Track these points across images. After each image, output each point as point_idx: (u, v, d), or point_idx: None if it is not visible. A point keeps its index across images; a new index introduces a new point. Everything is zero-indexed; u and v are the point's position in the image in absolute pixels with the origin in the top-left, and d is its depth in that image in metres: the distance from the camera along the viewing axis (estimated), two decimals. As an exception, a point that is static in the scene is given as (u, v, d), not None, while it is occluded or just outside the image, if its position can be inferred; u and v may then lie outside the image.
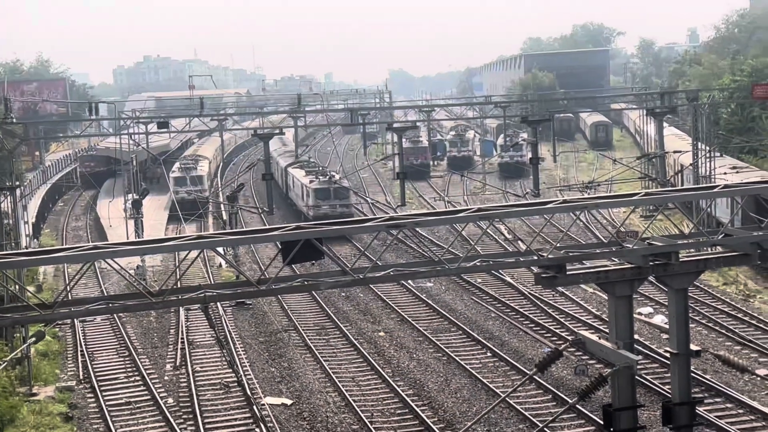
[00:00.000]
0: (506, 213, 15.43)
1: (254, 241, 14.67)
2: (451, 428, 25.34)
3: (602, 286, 15.51)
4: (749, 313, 34.62)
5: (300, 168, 62.07)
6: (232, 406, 27.82)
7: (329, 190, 52.90)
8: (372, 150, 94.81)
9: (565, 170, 75.91)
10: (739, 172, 43.99)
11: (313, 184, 53.76)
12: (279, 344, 33.98)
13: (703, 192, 17.14)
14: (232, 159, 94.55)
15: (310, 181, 54.64)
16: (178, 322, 36.59)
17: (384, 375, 29.74)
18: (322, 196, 52.68)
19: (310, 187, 53.45)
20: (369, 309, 38.36)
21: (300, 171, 60.31)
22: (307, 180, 55.27)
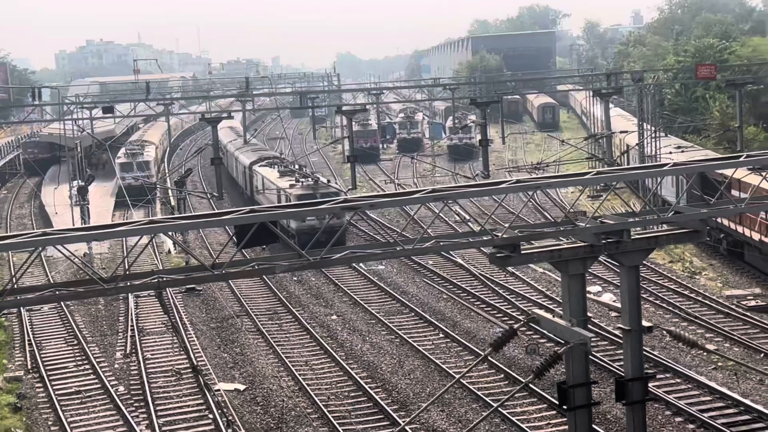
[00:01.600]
0: (460, 194, 15.44)
1: (207, 225, 14.50)
2: (405, 410, 25.43)
3: (555, 265, 15.63)
4: (695, 290, 35.26)
5: (270, 167, 52.32)
6: (185, 392, 27.58)
7: (315, 196, 41.89)
8: (321, 133, 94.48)
9: (513, 152, 76.44)
10: (683, 152, 44.68)
11: (294, 190, 44.49)
12: (231, 330, 33.76)
13: (654, 170, 17.35)
14: (180, 144, 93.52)
15: (290, 185, 45.57)
16: (127, 309, 36.14)
17: (337, 358, 29.72)
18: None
19: (291, 193, 44.15)
20: (321, 293, 38.27)
21: (272, 171, 50.78)
22: (285, 183, 46.22)
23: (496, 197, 35.42)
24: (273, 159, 55.36)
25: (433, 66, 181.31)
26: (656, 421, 23.65)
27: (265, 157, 57.21)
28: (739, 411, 23.87)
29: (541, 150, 73.54)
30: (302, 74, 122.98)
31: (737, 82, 49.20)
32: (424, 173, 68.17)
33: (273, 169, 51.10)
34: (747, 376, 26.38)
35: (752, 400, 24.46)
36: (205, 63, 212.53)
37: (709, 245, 40.90)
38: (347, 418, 25.07)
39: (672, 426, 23.46)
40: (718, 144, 56.87)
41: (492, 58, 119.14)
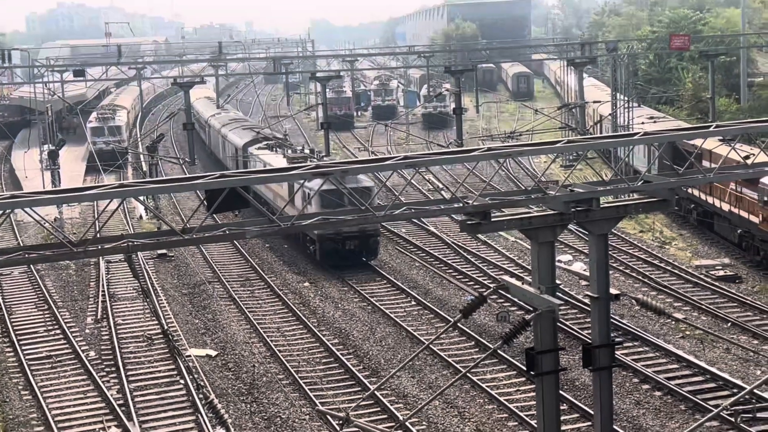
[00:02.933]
0: (432, 161, 15.46)
1: (178, 190, 14.42)
2: (376, 376, 25.61)
3: (525, 233, 15.70)
4: (665, 260, 35.63)
5: (272, 150, 43.49)
6: (156, 358, 27.59)
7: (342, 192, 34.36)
8: (295, 100, 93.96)
9: (487, 121, 76.49)
10: (656, 122, 44.90)
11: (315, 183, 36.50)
12: (203, 296, 33.74)
13: (624, 139, 17.44)
14: (151, 109, 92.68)
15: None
16: (98, 275, 35.98)
17: (309, 325, 29.82)
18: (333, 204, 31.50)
19: (313, 188, 34.20)
20: (294, 260, 38.27)
21: (275, 157, 41.63)
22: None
23: (469, 165, 35.42)
24: (273, 140, 45.67)
25: (408, 34, 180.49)
26: (623, 388, 23.99)
27: (263, 136, 47.90)
28: (705, 379, 24.25)
29: (515, 119, 73.65)
30: (276, 40, 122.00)
31: (710, 53, 49.41)
32: (398, 141, 68.11)
33: (276, 153, 42.39)
34: (714, 345, 26.79)
35: (718, 368, 24.86)
36: (177, 27, 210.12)
37: (679, 216, 41.30)
38: (318, 384, 25.22)
39: (639, 393, 23.80)
40: (690, 115, 57.25)
41: (467, 26, 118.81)
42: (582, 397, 23.49)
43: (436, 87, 75.80)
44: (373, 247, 36.06)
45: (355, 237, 35.33)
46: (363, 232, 35.18)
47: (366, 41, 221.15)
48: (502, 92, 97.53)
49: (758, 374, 24.41)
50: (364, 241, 35.61)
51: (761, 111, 49.80)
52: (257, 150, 44.99)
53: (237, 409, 23.91)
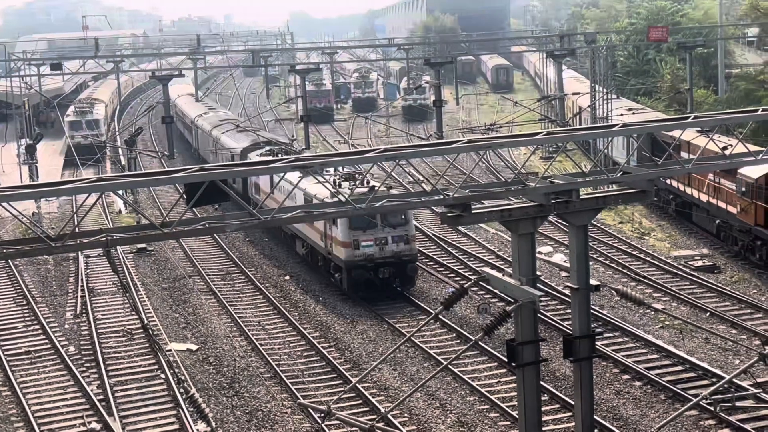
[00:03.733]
0: (412, 153, 15.45)
1: (157, 183, 14.33)
2: (357, 369, 25.61)
3: (506, 224, 15.75)
4: (644, 250, 35.82)
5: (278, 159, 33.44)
6: (136, 353, 27.46)
7: (383, 219, 30.50)
8: (274, 93, 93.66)
9: (467, 113, 76.54)
10: (635, 114, 45.11)
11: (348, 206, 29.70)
12: (183, 290, 33.60)
13: (603, 131, 17.50)
14: (130, 102, 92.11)
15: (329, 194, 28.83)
16: (77, 270, 35.76)
17: (290, 318, 29.77)
18: (362, 224, 30.16)
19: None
20: (274, 254, 38.18)
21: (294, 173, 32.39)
22: (320, 191, 30.60)
23: (449, 158, 35.39)
24: (277, 145, 41.10)
25: (387, 26, 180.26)
26: (604, 378, 24.11)
27: (264, 140, 43.07)
28: (684, 368, 24.42)
29: (495, 111, 73.74)
30: (255, 32, 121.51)
31: (688, 45, 49.68)
32: (378, 134, 68.03)
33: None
34: (693, 335, 26.97)
35: (697, 357, 25.03)
36: (155, 20, 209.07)
37: (658, 207, 41.53)
38: (300, 378, 25.19)
39: (619, 383, 23.93)
40: (668, 106, 57.54)
41: (447, 18, 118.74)
42: (563, 387, 23.60)
43: (415, 79, 75.77)
44: (410, 274, 31.09)
45: (390, 263, 30.53)
46: (398, 257, 30.43)
47: (345, 33, 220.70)
48: (482, 84, 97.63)
49: (737, 363, 24.60)
50: (400, 268, 30.53)
51: (739, 102, 50.11)
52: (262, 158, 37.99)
53: (218, 403, 23.85)
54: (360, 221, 29.46)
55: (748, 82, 54.00)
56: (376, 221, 29.67)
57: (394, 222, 30.39)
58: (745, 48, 72.38)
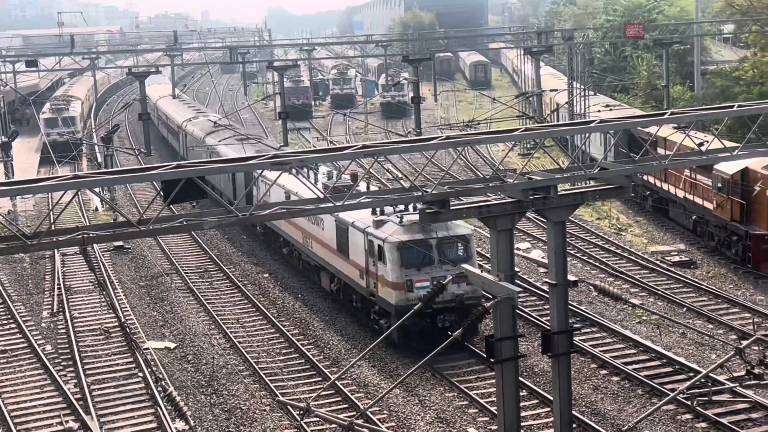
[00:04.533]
0: (391, 149, 15.43)
1: (134, 181, 14.22)
2: (336, 366, 25.57)
3: (484, 221, 15.77)
4: (621, 246, 36.02)
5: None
6: (113, 351, 27.30)
7: (430, 243, 25.31)
8: (252, 90, 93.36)
9: (445, 110, 76.63)
10: (612, 110, 45.33)
11: (393, 233, 25.39)
12: (160, 288, 33.43)
13: (581, 127, 17.56)
14: (106, 99, 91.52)
15: (378, 223, 25.89)
16: (53, 268, 35.49)
17: (269, 315, 29.69)
18: (416, 261, 25.15)
19: (387, 239, 25.28)
20: (252, 251, 38.07)
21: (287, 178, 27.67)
22: (369, 221, 26.38)
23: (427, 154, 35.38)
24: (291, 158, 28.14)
25: (366, 22, 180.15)
26: (582, 373, 24.22)
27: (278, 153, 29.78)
28: (661, 363, 24.57)
29: (473, 108, 73.85)
30: (233, 29, 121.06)
31: (664, 41, 49.93)
32: (356, 131, 67.96)
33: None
34: (670, 330, 27.15)
35: (674, 352, 25.20)
36: (132, 16, 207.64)
37: (635, 203, 41.77)
38: (279, 375, 25.13)
39: (597, 378, 24.05)
40: (645, 103, 57.84)
41: (425, 15, 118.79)
42: (541, 383, 23.68)
43: (394, 76, 75.74)
44: (476, 323, 22.09)
45: (451, 309, 25.04)
46: (461, 301, 24.88)
47: (323, 30, 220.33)
48: (460, 81, 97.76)
49: (713, 358, 24.79)
50: (463, 315, 24.09)
51: (714, 99, 50.46)
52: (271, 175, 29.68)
53: (197, 401, 23.74)
54: (413, 257, 24.69)
55: (724, 78, 54.40)
56: (432, 255, 24.68)
57: (454, 257, 25.09)
58: (721, 45, 72.92)
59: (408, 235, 24.94)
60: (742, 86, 50.79)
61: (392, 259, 24.85)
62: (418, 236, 25.00)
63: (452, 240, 25.12)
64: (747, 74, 51.02)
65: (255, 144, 41.79)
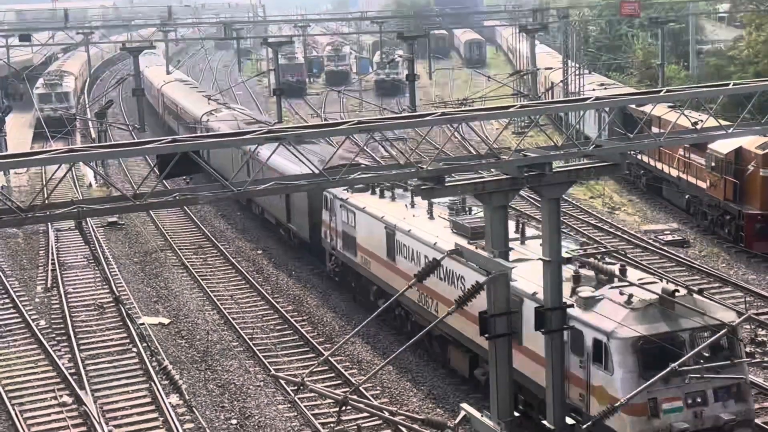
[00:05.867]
0: (386, 125, 15.42)
1: (129, 155, 14.22)
2: (330, 342, 25.66)
3: (479, 197, 15.81)
4: (615, 225, 36.11)
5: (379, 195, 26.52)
6: (108, 326, 27.34)
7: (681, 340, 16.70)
8: (246, 66, 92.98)
9: (440, 88, 76.40)
10: (606, 89, 45.31)
11: (618, 319, 16.67)
12: (155, 264, 33.44)
13: (576, 104, 17.57)
14: (100, 75, 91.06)
15: (588, 302, 17.21)
16: (47, 243, 35.47)
17: (263, 292, 29.74)
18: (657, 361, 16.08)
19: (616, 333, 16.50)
20: (247, 228, 38.06)
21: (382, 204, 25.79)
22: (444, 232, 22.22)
23: (422, 132, 35.30)
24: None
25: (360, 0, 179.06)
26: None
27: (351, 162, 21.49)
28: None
29: (468, 86, 73.66)
30: (227, 5, 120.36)
31: (660, 20, 49.82)
32: (351, 108, 67.78)
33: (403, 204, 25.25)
34: (661, 307, 27.21)
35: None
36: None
37: (628, 182, 41.83)
38: (273, 351, 25.21)
39: (589, 355, 24.10)
40: (640, 82, 57.79)
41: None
42: (534, 360, 23.73)
43: (388, 54, 75.45)
44: None
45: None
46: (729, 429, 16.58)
47: (318, 7, 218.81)
48: (455, 59, 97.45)
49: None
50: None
51: (709, 78, 50.40)
52: (359, 200, 26.53)
53: (191, 376, 23.82)
54: (656, 361, 16.06)
55: (719, 58, 54.35)
56: (682, 352, 16.02)
57: (715, 358, 16.79)
58: (717, 24, 72.77)
59: (646, 324, 16.36)
60: (737, 65, 50.75)
61: (625, 364, 16.23)
62: (661, 327, 16.45)
63: (710, 331, 16.34)
64: (742, 53, 50.99)
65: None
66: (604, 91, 43.64)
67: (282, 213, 33.80)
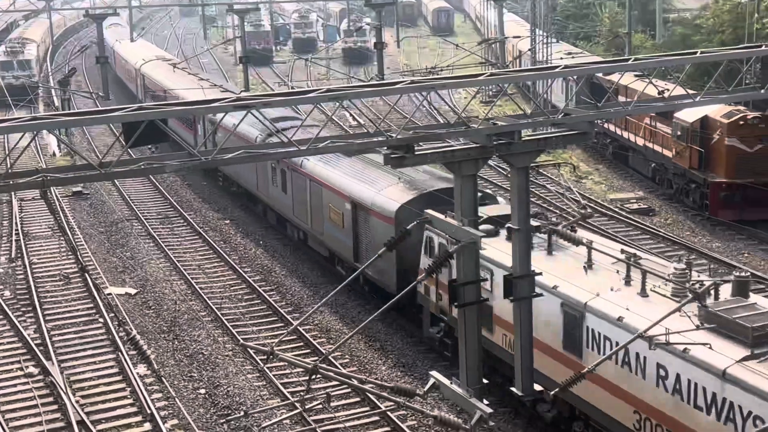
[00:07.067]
0: (355, 93, 15.29)
1: (94, 122, 13.98)
2: (299, 311, 25.65)
3: (448, 166, 15.75)
4: (581, 194, 36.25)
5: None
6: (74, 297, 27.10)
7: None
8: (212, 34, 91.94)
9: (408, 56, 76.10)
10: (574, 58, 45.32)
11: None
12: (121, 234, 33.15)
13: (545, 72, 17.54)
14: (63, 42, 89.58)
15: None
16: (11, 213, 34.99)
17: (231, 262, 29.60)
18: None
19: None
20: (213, 198, 37.80)
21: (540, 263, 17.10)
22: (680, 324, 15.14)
23: (391, 101, 35.19)
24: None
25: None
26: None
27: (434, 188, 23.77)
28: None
29: (436, 54, 73.42)
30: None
31: (627, -12, 49.85)
32: (318, 77, 67.32)
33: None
34: (627, 275, 27.45)
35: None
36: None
37: (595, 151, 42.03)
38: (241, 320, 25.15)
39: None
40: (607, 50, 57.86)
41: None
42: (502, 328, 23.88)
43: (356, 21, 74.93)
44: None
45: None
46: None
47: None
48: (423, 27, 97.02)
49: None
50: None
51: (675, 47, 50.59)
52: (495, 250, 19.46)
53: (159, 346, 23.71)
54: None
55: (685, 27, 54.57)
56: None
57: None
58: (683, -7, 72.89)
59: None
60: (702, 35, 50.99)
61: None
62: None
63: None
64: (708, 22, 51.21)
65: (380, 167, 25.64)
66: (572, 59, 43.64)
67: (343, 245, 24.92)
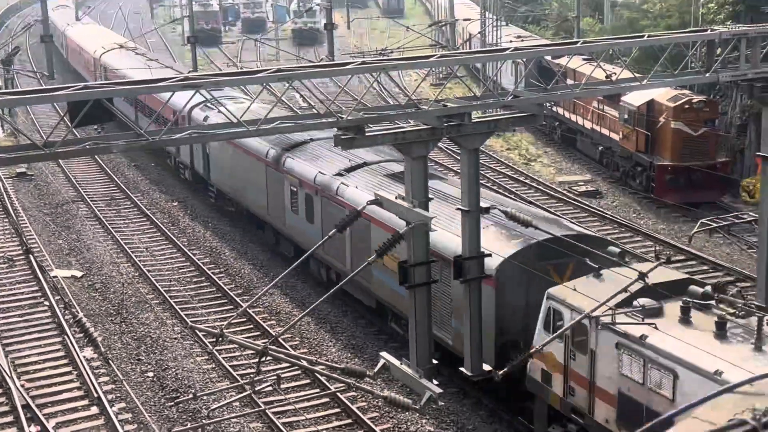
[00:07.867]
0: (305, 74, 15.20)
1: (39, 101, 13.69)
2: (248, 294, 25.51)
3: (399, 147, 15.76)
4: (530, 176, 36.60)
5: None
6: (18, 279, 26.63)
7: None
8: (159, 13, 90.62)
9: (358, 38, 75.82)
10: (523, 41, 45.57)
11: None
12: (66, 215, 32.63)
13: (496, 54, 17.61)
14: (5, 21, 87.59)
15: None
16: (-48, 194, 34.24)
17: (179, 244, 29.32)
18: None
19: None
20: (161, 179, 37.37)
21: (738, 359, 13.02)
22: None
23: (341, 82, 34.98)
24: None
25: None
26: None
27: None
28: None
29: (386, 36, 73.24)
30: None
31: (576, -28, 50.13)
32: (268, 58, 66.75)
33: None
34: (575, 257, 27.78)
35: (579, 278, 25.82)
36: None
37: (544, 134, 42.37)
38: (190, 303, 24.94)
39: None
40: (555, 34, 58.24)
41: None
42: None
43: (306, 2, 74.40)
44: None
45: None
46: None
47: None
48: (373, 9, 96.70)
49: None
50: None
51: (622, 31, 51.06)
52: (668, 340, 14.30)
53: (106, 329, 23.42)
54: None
55: (632, 11, 55.08)
56: None
57: None
58: (630, -22, 73.52)
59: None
60: (649, 19, 51.54)
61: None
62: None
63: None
64: (655, 7, 51.78)
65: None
66: (521, 43, 43.91)
67: (400, 299, 20.01)
